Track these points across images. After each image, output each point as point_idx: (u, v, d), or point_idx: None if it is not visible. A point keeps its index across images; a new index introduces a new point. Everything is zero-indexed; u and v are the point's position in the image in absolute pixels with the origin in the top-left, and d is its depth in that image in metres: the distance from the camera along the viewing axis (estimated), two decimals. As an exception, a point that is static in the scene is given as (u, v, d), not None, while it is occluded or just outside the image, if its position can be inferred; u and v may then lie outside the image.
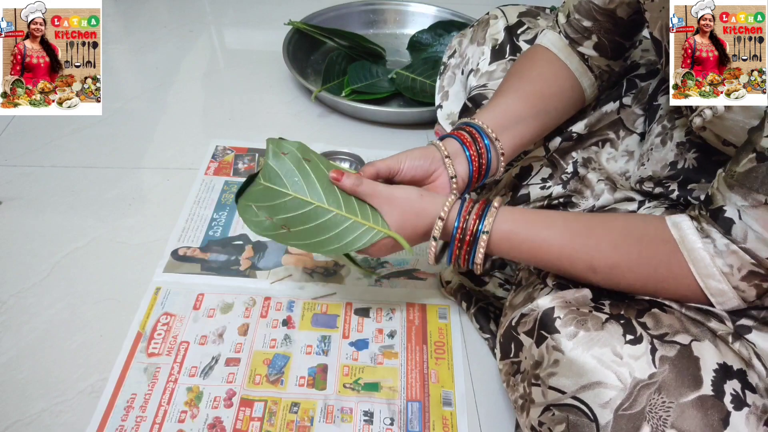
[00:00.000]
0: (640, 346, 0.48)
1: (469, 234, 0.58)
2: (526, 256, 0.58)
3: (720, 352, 0.47)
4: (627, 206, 0.68)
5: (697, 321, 0.50)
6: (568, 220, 0.58)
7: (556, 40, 0.71)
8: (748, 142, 0.47)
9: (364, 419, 0.67)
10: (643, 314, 0.51)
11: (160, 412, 0.67)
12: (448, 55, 0.93)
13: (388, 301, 0.80)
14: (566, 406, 0.48)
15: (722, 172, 0.49)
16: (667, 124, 0.65)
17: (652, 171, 0.65)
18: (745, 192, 0.46)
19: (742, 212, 0.47)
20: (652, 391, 0.45)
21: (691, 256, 0.50)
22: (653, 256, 0.52)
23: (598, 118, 0.74)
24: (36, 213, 0.91)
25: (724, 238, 0.48)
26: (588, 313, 0.51)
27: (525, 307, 0.55)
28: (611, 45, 0.68)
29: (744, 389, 0.45)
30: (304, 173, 0.62)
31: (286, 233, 0.61)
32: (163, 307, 0.78)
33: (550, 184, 0.74)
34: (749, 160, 0.46)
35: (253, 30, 1.50)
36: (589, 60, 0.70)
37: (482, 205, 0.59)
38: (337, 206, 0.61)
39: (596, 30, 0.67)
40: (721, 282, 0.49)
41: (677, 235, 0.51)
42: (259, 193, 0.63)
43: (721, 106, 0.50)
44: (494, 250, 0.59)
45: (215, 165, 1.02)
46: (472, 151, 0.64)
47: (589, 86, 0.71)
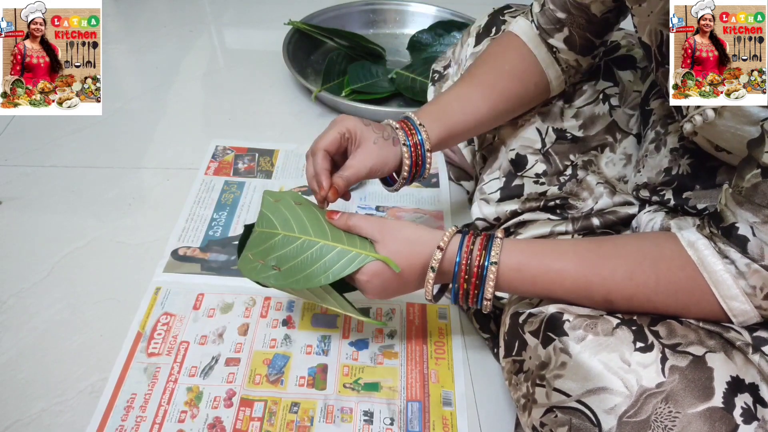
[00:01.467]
0: (651, 354, 0.47)
1: (476, 267, 0.56)
2: (539, 290, 0.56)
3: (735, 365, 0.47)
4: (627, 210, 0.68)
5: (714, 333, 0.49)
6: (578, 250, 0.56)
7: (527, 28, 0.71)
8: (750, 157, 0.46)
9: (364, 419, 0.67)
10: (657, 323, 0.50)
11: (160, 412, 0.67)
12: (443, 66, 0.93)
13: (388, 302, 0.80)
14: (570, 409, 0.48)
15: (728, 188, 0.49)
16: (661, 130, 0.65)
17: (647, 177, 0.65)
18: (755, 208, 0.46)
19: (755, 229, 0.46)
20: (659, 400, 0.45)
21: (713, 279, 0.48)
22: (672, 282, 0.50)
23: (590, 119, 0.74)
24: (36, 213, 0.91)
25: (744, 258, 0.47)
26: (599, 317, 0.51)
27: (533, 308, 0.55)
28: (581, 41, 0.69)
29: (755, 403, 0.45)
30: (295, 214, 0.63)
31: (276, 273, 0.61)
32: (163, 307, 0.78)
33: (544, 181, 0.74)
34: (753, 176, 0.45)
35: (253, 30, 1.50)
36: (558, 53, 0.70)
37: (485, 237, 0.57)
38: (324, 238, 0.61)
39: (569, 23, 0.68)
40: (744, 303, 0.48)
41: (695, 257, 0.49)
42: (254, 240, 0.65)
43: (712, 113, 0.50)
44: (503, 285, 0.56)
45: (215, 165, 1.02)
46: (411, 141, 0.66)
47: (555, 78, 0.72)
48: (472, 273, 0.56)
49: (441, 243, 0.57)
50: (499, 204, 0.76)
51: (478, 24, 0.87)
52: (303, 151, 1.05)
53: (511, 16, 0.83)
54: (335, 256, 0.60)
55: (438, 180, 1.01)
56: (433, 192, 0.99)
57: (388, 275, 0.59)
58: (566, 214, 0.72)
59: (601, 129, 0.74)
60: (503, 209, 0.75)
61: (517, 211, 0.74)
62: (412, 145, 0.66)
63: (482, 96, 0.70)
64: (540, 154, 0.75)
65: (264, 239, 0.63)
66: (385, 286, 0.60)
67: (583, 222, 0.69)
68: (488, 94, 0.70)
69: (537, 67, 0.71)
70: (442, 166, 1.03)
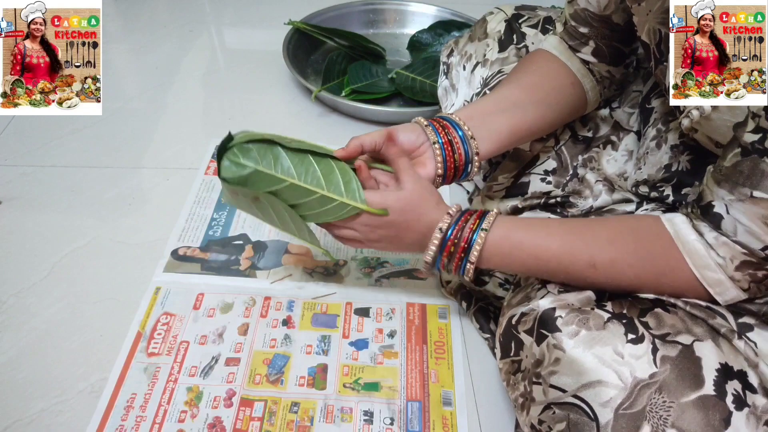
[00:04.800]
0: (642, 345, 0.48)
1: (468, 232, 0.58)
2: (525, 257, 0.58)
3: (723, 352, 0.47)
4: (625, 207, 0.68)
5: (700, 319, 0.50)
6: (563, 222, 0.59)
7: (557, 43, 0.71)
8: (734, 138, 0.48)
9: (364, 419, 0.67)
10: (646, 314, 0.51)
11: (160, 412, 0.67)
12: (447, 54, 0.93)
13: (388, 301, 0.80)
14: (567, 404, 0.49)
15: (711, 169, 0.50)
16: (662, 127, 0.65)
17: (647, 174, 0.65)
18: (731, 186, 0.47)
19: (729, 206, 0.47)
20: (652, 390, 0.45)
21: (686, 248, 0.51)
22: (649, 249, 0.53)
23: (595, 122, 0.75)
24: (36, 213, 0.91)
25: (713, 232, 0.49)
26: (590, 311, 0.51)
27: (525, 307, 0.55)
28: (609, 50, 0.69)
29: (744, 389, 0.46)
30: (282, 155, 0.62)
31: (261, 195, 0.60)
32: (163, 307, 0.78)
33: (550, 180, 0.74)
34: (734, 155, 0.47)
35: (253, 30, 1.50)
36: (590, 65, 0.70)
37: (481, 212, 0.60)
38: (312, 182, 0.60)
39: (593, 36, 0.68)
40: (717, 272, 0.50)
41: (671, 230, 0.52)
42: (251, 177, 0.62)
43: (708, 107, 0.50)
44: (490, 251, 0.58)
45: (215, 165, 1.01)
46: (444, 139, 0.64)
47: (591, 89, 0.72)
48: (462, 239, 0.58)
49: (450, 211, 0.60)
50: (501, 201, 0.77)
51: (497, 30, 0.85)
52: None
53: (527, 26, 0.83)
54: (316, 202, 0.60)
55: (438, 180, 1.01)
56: (433, 192, 0.99)
57: (398, 219, 0.59)
58: (566, 212, 0.73)
59: (607, 130, 0.75)
60: (505, 205, 0.76)
61: (517, 206, 0.74)
62: (445, 142, 0.64)
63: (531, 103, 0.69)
64: (552, 150, 0.75)
65: (260, 178, 0.61)
66: (388, 233, 0.61)
67: None
68: (534, 106, 0.69)
69: (572, 75, 0.71)
70: (442, 166, 1.03)
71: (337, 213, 0.60)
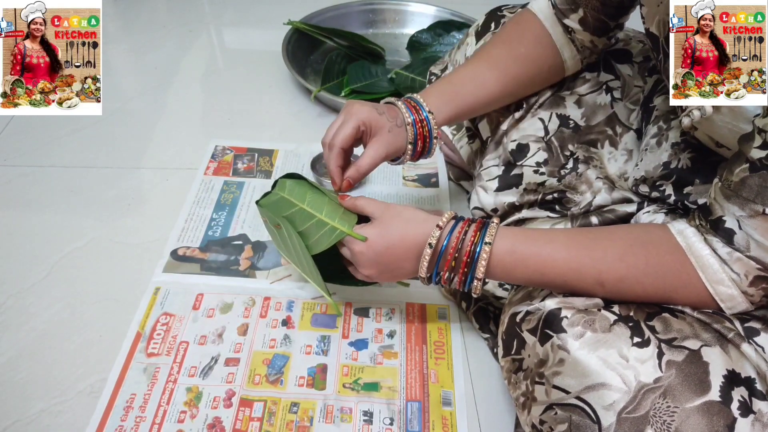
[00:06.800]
0: (647, 349, 0.47)
1: (469, 246, 0.57)
2: (531, 273, 0.56)
3: (731, 358, 0.47)
4: (626, 207, 0.68)
5: (707, 324, 0.50)
6: (570, 235, 0.57)
7: (545, 6, 0.72)
8: (740, 152, 0.47)
9: (363, 419, 0.67)
10: (653, 318, 0.50)
11: (160, 412, 0.67)
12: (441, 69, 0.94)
13: (388, 301, 0.80)
14: (569, 405, 0.48)
15: (718, 182, 0.49)
16: (663, 125, 0.65)
17: (644, 171, 0.65)
18: (742, 202, 0.46)
19: (741, 222, 0.47)
20: (657, 395, 0.45)
21: (700, 263, 0.50)
22: (661, 264, 0.51)
23: (592, 108, 0.74)
24: (35, 213, 0.91)
25: (726, 247, 0.48)
26: (596, 313, 0.51)
27: (529, 305, 0.55)
28: (596, 22, 0.69)
29: (751, 396, 0.45)
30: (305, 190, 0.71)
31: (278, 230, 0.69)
32: (163, 307, 0.78)
33: (543, 171, 0.74)
34: (742, 170, 0.46)
35: (252, 30, 1.50)
36: (573, 33, 0.70)
37: (480, 222, 0.58)
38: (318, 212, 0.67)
39: (584, 4, 0.68)
40: (730, 287, 0.49)
41: (683, 243, 0.51)
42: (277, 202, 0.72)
43: (710, 108, 0.50)
44: (496, 267, 0.57)
45: (214, 165, 1.01)
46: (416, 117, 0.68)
47: (570, 58, 0.72)
48: (464, 252, 0.57)
49: (440, 222, 0.59)
50: (497, 194, 0.76)
51: (476, 24, 0.87)
52: (302, 151, 1.05)
53: (510, 12, 0.83)
54: (314, 227, 0.66)
55: (438, 180, 1.01)
56: (433, 192, 0.99)
57: (380, 248, 0.61)
58: (565, 210, 0.72)
59: (602, 120, 0.74)
60: (501, 200, 0.75)
61: (515, 203, 0.74)
62: (417, 121, 0.68)
63: (495, 78, 0.72)
64: (543, 142, 0.75)
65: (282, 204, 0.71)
66: (378, 260, 0.61)
67: (582, 220, 0.69)
68: (501, 77, 0.72)
69: (552, 49, 0.72)
70: (441, 166, 1.03)
71: (329, 237, 0.64)
